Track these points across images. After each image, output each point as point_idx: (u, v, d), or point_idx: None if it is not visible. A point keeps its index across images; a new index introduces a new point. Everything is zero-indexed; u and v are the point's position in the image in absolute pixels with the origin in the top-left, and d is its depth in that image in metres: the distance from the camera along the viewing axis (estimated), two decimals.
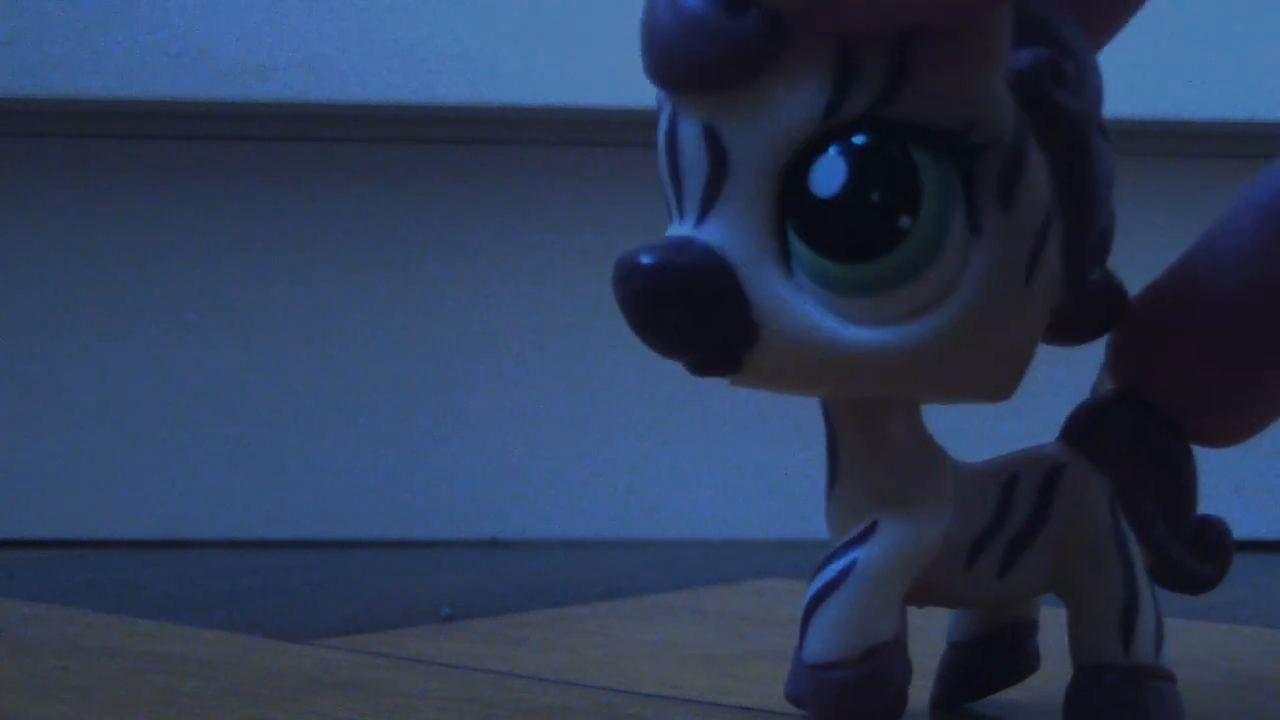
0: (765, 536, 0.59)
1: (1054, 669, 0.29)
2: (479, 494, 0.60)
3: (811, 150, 0.23)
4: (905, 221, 0.22)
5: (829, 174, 0.22)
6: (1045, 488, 0.26)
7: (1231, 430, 0.27)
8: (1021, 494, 0.26)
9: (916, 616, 0.27)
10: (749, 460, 0.60)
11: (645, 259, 0.23)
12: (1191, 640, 0.38)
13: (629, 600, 0.44)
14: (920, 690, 0.29)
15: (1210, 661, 0.35)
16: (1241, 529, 0.61)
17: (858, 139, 0.22)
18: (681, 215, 0.24)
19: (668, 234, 0.24)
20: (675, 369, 0.24)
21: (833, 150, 0.22)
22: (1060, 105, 0.23)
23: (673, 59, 0.23)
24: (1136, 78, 0.54)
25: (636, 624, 0.41)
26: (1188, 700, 0.30)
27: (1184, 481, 0.27)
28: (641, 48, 0.23)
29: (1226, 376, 0.26)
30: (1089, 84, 0.24)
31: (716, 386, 0.25)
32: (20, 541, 0.58)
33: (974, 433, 0.28)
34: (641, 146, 0.65)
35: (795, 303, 0.23)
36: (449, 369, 0.60)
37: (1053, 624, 0.29)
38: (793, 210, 0.23)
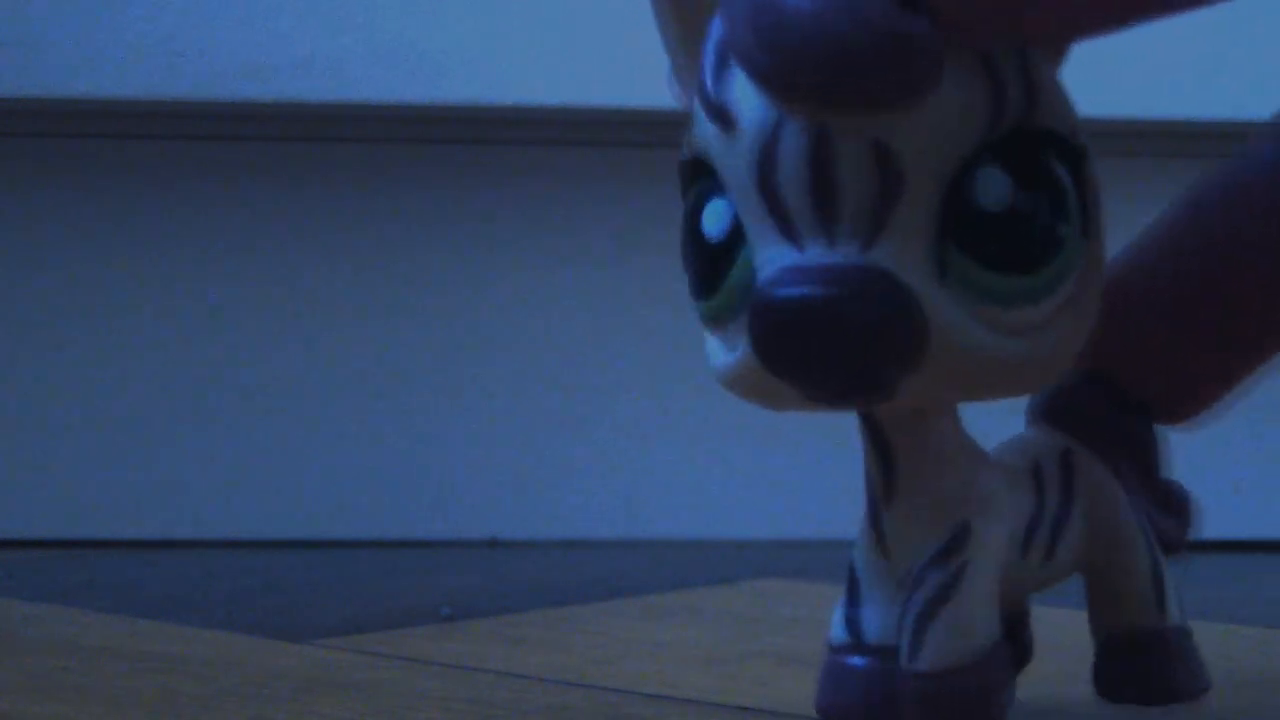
0: (765, 536, 0.59)
1: (1044, 659, 0.29)
2: (479, 494, 0.60)
3: (970, 162, 0.22)
4: (1064, 229, 0.22)
5: (996, 187, 0.22)
6: (1065, 470, 0.26)
7: (1193, 408, 0.27)
8: (1048, 479, 0.26)
9: None
10: (749, 460, 0.60)
11: (815, 292, 0.21)
12: None
13: (629, 600, 0.44)
14: None
15: (1210, 661, 0.35)
16: (1241, 529, 0.61)
17: (1016, 150, 0.22)
18: (831, 239, 0.22)
19: (801, 257, 0.22)
20: (674, 370, 0.24)
21: (995, 163, 0.22)
22: None
23: (833, 70, 0.20)
24: (1136, 78, 0.54)
25: (636, 624, 0.41)
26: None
27: (1152, 449, 0.28)
28: (774, 59, 0.20)
29: (1191, 357, 0.26)
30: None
31: (717, 387, 0.24)
32: (20, 541, 0.58)
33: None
34: (642, 146, 0.65)
35: (958, 321, 0.22)
36: (449, 369, 0.60)
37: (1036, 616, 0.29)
38: (954, 225, 0.22)
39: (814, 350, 0.21)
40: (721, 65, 0.22)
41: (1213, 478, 0.60)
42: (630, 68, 0.54)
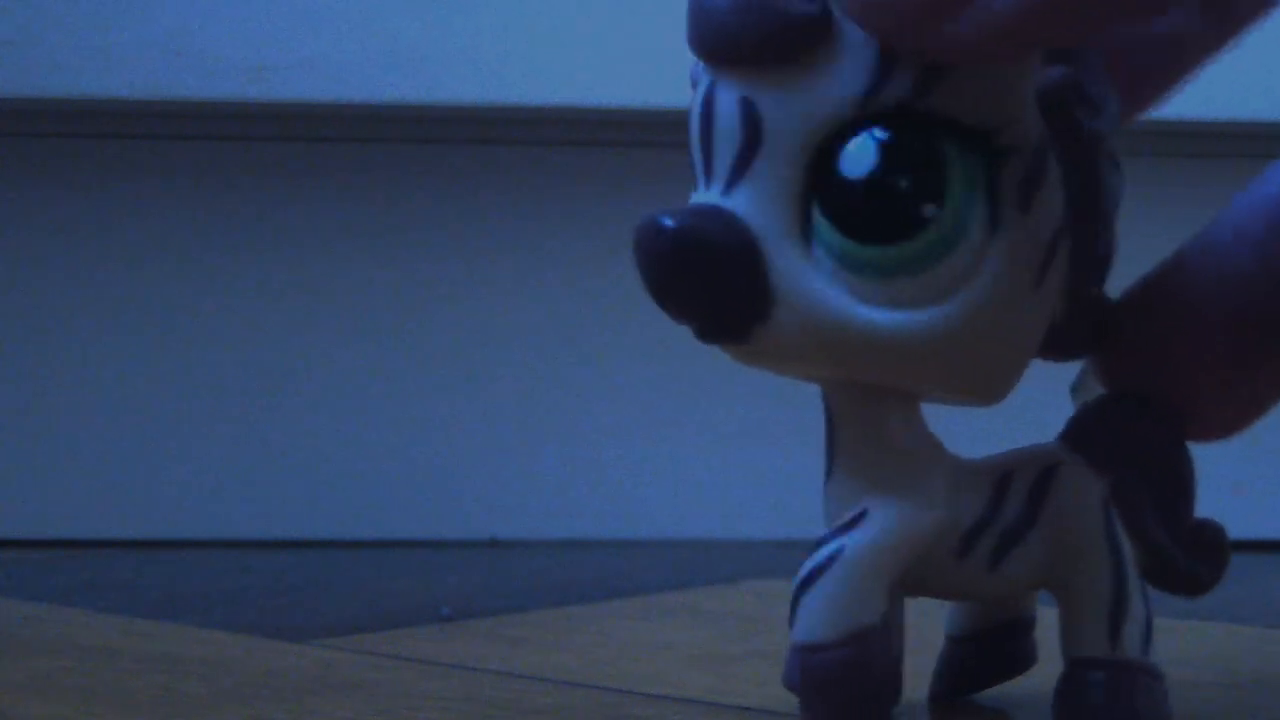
0: (765, 536, 0.59)
1: (1052, 665, 0.29)
2: (479, 494, 0.60)
3: (844, 132, 0.23)
4: (929, 210, 0.23)
5: (860, 157, 0.23)
6: (1038, 485, 0.26)
7: (1230, 423, 0.27)
8: (1015, 490, 0.26)
9: (916, 611, 0.27)
10: (749, 460, 0.60)
11: (669, 222, 0.23)
12: (1191, 640, 0.38)
13: (629, 600, 0.44)
14: (919, 682, 0.29)
15: (1210, 661, 0.35)
16: (1241, 529, 0.61)
17: (891, 127, 0.23)
18: (709, 183, 0.24)
19: (693, 200, 0.24)
20: (674, 370, 0.24)
21: (866, 135, 0.23)
22: (1078, 122, 0.24)
23: (719, 32, 0.23)
24: None
25: (636, 624, 0.41)
26: (1186, 700, 0.30)
27: (1182, 484, 0.27)
28: (688, 17, 0.24)
29: (1226, 370, 0.26)
30: (1107, 111, 0.25)
31: (717, 387, 0.25)
32: (20, 541, 0.58)
33: (971, 433, 0.28)
34: (643, 147, 0.65)
35: (812, 278, 0.23)
36: (449, 369, 0.60)
37: (1047, 621, 0.29)
38: (820, 188, 0.23)
39: (657, 270, 0.23)
40: None
41: (1213, 478, 0.60)
42: (630, 68, 0.54)
